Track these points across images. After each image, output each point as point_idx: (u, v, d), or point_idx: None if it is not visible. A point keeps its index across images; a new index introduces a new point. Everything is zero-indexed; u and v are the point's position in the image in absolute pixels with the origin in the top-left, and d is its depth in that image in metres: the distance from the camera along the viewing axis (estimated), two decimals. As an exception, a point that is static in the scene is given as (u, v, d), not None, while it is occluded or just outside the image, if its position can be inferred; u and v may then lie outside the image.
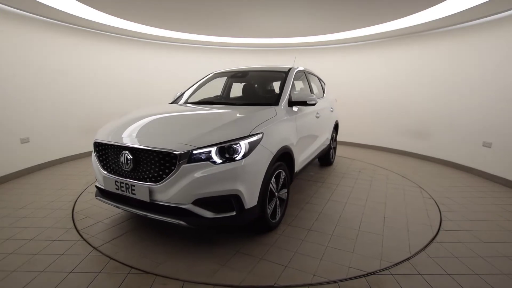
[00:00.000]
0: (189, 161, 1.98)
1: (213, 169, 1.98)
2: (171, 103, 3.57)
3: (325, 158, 4.74)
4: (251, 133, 2.17)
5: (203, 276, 1.96)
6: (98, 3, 4.11)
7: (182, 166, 1.97)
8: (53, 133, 4.84)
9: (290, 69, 3.41)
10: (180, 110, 2.93)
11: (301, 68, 3.75)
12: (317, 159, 4.86)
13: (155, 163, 2.06)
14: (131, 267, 2.05)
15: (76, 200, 3.30)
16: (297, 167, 3.05)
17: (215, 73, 3.90)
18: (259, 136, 2.22)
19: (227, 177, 2.00)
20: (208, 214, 2.03)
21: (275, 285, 1.88)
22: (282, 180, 2.63)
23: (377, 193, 3.60)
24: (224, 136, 2.08)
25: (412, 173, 4.56)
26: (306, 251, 2.29)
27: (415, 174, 4.51)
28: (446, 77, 5.10)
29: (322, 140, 4.09)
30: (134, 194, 2.12)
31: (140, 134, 2.25)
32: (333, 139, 4.90)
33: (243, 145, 2.09)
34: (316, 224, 2.75)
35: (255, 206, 2.18)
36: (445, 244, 2.43)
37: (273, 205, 2.52)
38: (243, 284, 1.89)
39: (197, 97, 3.53)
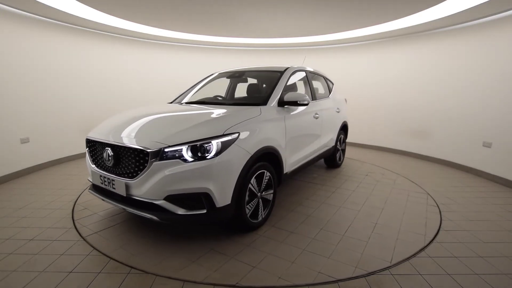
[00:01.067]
0: (161, 159, 2.05)
1: (183, 167, 2.04)
2: (170, 102, 3.60)
3: (330, 159, 4.64)
4: (224, 133, 2.19)
5: (170, 270, 2.02)
6: (98, 3, 4.11)
7: (154, 163, 2.05)
8: (53, 133, 4.84)
9: (286, 69, 3.39)
10: (169, 110, 2.93)
11: (301, 67, 3.73)
12: (323, 161, 4.87)
13: (132, 159, 2.16)
14: (131, 267, 2.06)
15: (76, 200, 3.30)
16: (288, 169, 3.02)
17: (219, 73, 3.94)
18: (234, 136, 2.24)
19: (197, 175, 2.05)
20: (179, 210, 2.09)
21: (237, 284, 1.89)
22: (266, 180, 2.63)
23: (378, 197, 3.48)
24: (197, 135, 2.13)
25: (420, 177, 4.37)
26: (280, 253, 2.26)
27: (416, 175, 4.51)
28: (446, 77, 5.11)
29: (324, 141, 4.02)
30: (114, 188, 2.24)
31: (122, 132, 2.34)
32: (341, 140, 4.76)
33: (215, 144, 2.12)
34: (301, 227, 2.69)
35: (228, 205, 2.20)
36: (445, 244, 2.43)
37: (254, 205, 2.53)
38: (241, 284, 1.89)
39: (197, 97, 3.55)
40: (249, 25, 5.26)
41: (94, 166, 2.46)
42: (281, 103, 2.93)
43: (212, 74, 4.00)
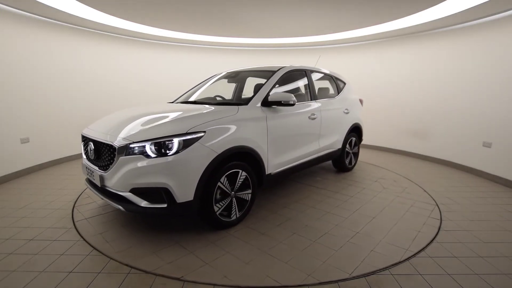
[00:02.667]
0: (127, 154, 2.21)
1: (145, 163, 2.17)
2: (171, 102, 3.63)
3: (338, 163, 4.45)
4: (188, 131, 2.25)
5: (128, 258, 2.16)
6: (98, 3, 4.11)
7: (120, 157, 2.22)
8: (53, 133, 4.84)
9: (280, 68, 3.36)
10: (155, 109, 2.93)
11: (299, 67, 3.66)
12: (332, 164, 4.69)
13: (106, 154, 2.36)
14: (131, 267, 2.06)
15: (76, 200, 3.30)
16: (272, 170, 2.99)
17: (227, 72, 3.96)
18: (199, 134, 2.29)
19: (157, 170, 2.16)
20: (143, 203, 2.22)
21: (181, 278, 1.95)
22: (241, 180, 2.64)
23: (375, 205, 3.23)
24: (161, 132, 2.23)
25: (420, 177, 4.33)
26: (239, 253, 2.25)
27: (415, 175, 4.51)
28: (446, 77, 5.10)
29: (326, 143, 3.87)
30: (94, 179, 2.49)
31: (103, 128, 2.55)
32: (351, 143, 4.52)
33: (176, 142, 2.20)
34: (274, 230, 2.64)
35: (190, 201, 2.27)
36: (445, 244, 2.43)
37: (226, 204, 2.55)
38: (239, 284, 1.89)
39: (199, 97, 3.62)
40: (258, 24, 5.22)
41: (84, 158, 2.74)
42: (267, 103, 2.92)
43: (216, 74, 4.01)
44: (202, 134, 2.30)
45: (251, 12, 4.48)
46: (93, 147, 2.48)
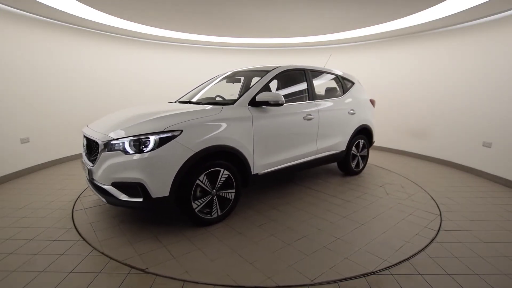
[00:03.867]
0: (108, 150, 2.38)
1: (123, 158, 2.32)
2: (172, 102, 3.64)
3: (343, 166, 4.28)
4: (165, 130, 2.34)
5: (106, 248, 2.29)
6: (98, 3, 4.11)
7: (103, 153, 2.40)
8: (53, 133, 4.84)
9: (274, 68, 3.35)
10: (147, 109, 2.96)
11: (296, 66, 3.59)
12: (337, 167, 4.48)
13: (94, 149, 2.55)
14: (131, 267, 2.06)
15: (76, 200, 3.30)
16: (259, 170, 2.98)
17: (234, 72, 3.97)
18: (176, 133, 2.37)
19: (134, 166, 2.29)
20: (122, 196, 2.36)
21: (146, 269, 2.01)
22: (223, 179, 2.67)
23: (370, 212, 3.05)
24: (140, 130, 2.36)
25: (420, 177, 4.28)
26: (209, 250, 2.28)
27: (416, 175, 4.51)
28: (446, 77, 5.11)
29: (326, 145, 3.75)
30: (85, 171, 2.70)
31: (96, 127, 2.72)
32: (359, 145, 4.33)
33: (152, 140, 2.31)
34: (254, 230, 2.63)
35: (166, 196, 2.35)
36: (445, 244, 2.43)
37: (206, 201, 2.60)
38: (240, 284, 1.89)
39: (198, 97, 3.63)
40: (259, 24, 5.21)
41: (83, 153, 2.88)
42: (255, 103, 2.92)
43: (220, 74, 4.02)
44: (179, 132, 2.38)
45: (252, 12, 4.48)
46: (85, 143, 2.72)
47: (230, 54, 7.28)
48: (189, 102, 3.36)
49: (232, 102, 2.94)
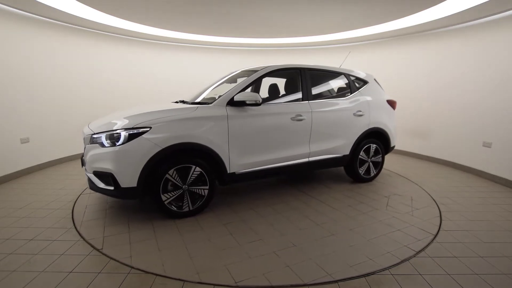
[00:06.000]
0: (91, 143, 2.70)
1: (99, 151, 2.62)
2: (175, 102, 3.64)
3: (350, 171, 3.96)
4: (135, 126, 2.56)
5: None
6: (98, 3, 4.11)
7: (87, 145, 2.75)
8: (53, 133, 4.84)
9: (263, 68, 3.33)
10: (140, 108, 3.13)
11: (291, 65, 3.52)
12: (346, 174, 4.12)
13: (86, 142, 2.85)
14: (131, 267, 2.06)
15: (76, 200, 3.30)
16: (237, 169, 3.00)
17: (242, 71, 3.93)
18: (145, 129, 2.57)
19: (106, 158, 2.56)
20: (100, 184, 2.66)
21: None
22: (195, 175, 2.79)
23: (351, 223, 2.77)
24: (115, 126, 2.64)
25: (420, 177, 4.24)
26: (162, 241, 2.41)
27: (416, 175, 4.50)
28: (446, 77, 5.11)
29: (322, 147, 3.55)
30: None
31: (92, 124, 2.98)
32: (370, 150, 3.96)
33: (122, 135, 2.54)
34: (216, 228, 2.66)
35: (134, 187, 2.56)
36: (445, 244, 2.43)
37: (175, 195, 2.75)
38: (241, 284, 1.89)
39: (202, 97, 3.62)
40: (260, 24, 5.20)
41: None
42: (234, 102, 2.96)
43: (226, 74, 4.02)
44: (148, 129, 2.57)
45: (255, 11, 4.46)
46: (83, 137, 2.97)
47: (230, 54, 7.27)
48: (190, 102, 3.35)
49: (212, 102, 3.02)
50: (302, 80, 3.55)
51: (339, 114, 3.69)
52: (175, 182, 2.72)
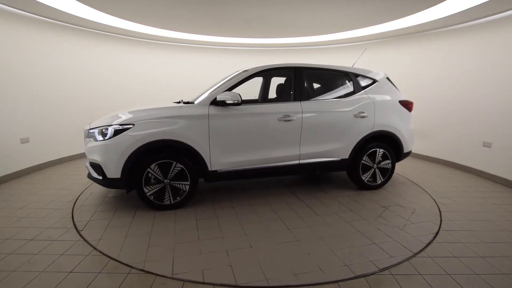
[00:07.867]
0: (88, 137, 3.02)
1: (93, 144, 2.92)
2: (176, 102, 3.65)
3: (354, 178, 3.67)
4: (120, 123, 2.83)
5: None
6: (98, 3, 4.11)
7: (85, 139, 3.07)
8: (53, 133, 4.84)
9: (252, 68, 3.33)
10: (138, 108, 3.26)
11: (284, 64, 3.46)
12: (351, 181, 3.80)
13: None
14: (131, 267, 2.06)
15: (76, 200, 3.30)
16: (218, 167, 3.08)
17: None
18: (128, 126, 2.81)
19: (97, 150, 2.87)
20: (94, 174, 2.98)
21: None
22: (176, 171, 2.96)
23: (324, 232, 2.60)
24: (105, 123, 2.92)
25: (420, 177, 4.24)
26: (132, 231, 2.59)
27: (416, 175, 4.50)
28: (446, 77, 5.10)
29: (314, 150, 3.39)
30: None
31: (94, 122, 3.20)
32: (377, 155, 3.65)
33: (110, 130, 2.83)
34: (189, 222, 2.75)
35: (118, 178, 2.82)
36: (445, 244, 2.43)
37: (157, 188, 2.95)
38: (241, 284, 1.89)
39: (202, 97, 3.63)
40: (262, 24, 5.20)
41: None
42: (217, 102, 3.02)
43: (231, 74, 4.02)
44: (131, 126, 2.81)
45: (259, 10, 4.44)
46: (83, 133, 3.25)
47: (229, 54, 7.26)
48: (184, 102, 3.35)
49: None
50: (295, 79, 3.43)
51: (336, 115, 3.45)
52: (156, 176, 2.92)
